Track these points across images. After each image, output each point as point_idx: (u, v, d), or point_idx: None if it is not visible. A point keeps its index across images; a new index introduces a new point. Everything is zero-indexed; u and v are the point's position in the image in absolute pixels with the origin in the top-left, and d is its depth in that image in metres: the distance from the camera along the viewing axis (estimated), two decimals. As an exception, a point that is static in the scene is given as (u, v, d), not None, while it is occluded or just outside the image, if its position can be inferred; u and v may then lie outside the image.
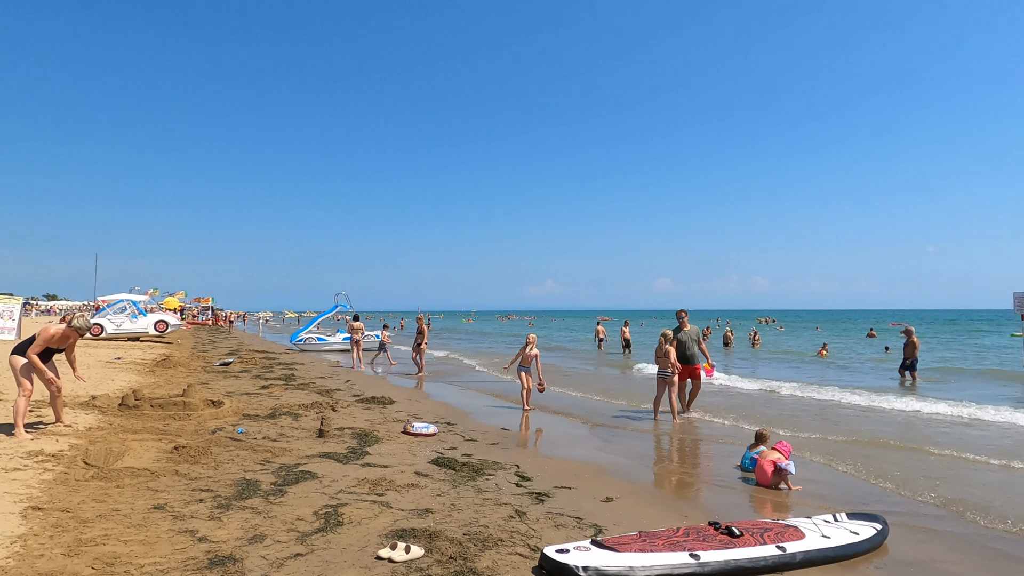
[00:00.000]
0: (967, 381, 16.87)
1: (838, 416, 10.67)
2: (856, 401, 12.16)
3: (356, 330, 19.47)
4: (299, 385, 13.31)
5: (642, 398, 12.61)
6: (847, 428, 9.50)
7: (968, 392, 13.84)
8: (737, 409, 11.25)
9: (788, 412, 11.04)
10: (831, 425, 9.76)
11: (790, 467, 5.98)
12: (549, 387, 12.40)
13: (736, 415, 10.54)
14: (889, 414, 10.96)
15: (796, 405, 11.93)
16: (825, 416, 10.65)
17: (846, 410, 11.35)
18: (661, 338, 10.10)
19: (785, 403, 12.21)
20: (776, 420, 10.07)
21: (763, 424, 9.21)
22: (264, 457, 6.50)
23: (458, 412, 10.54)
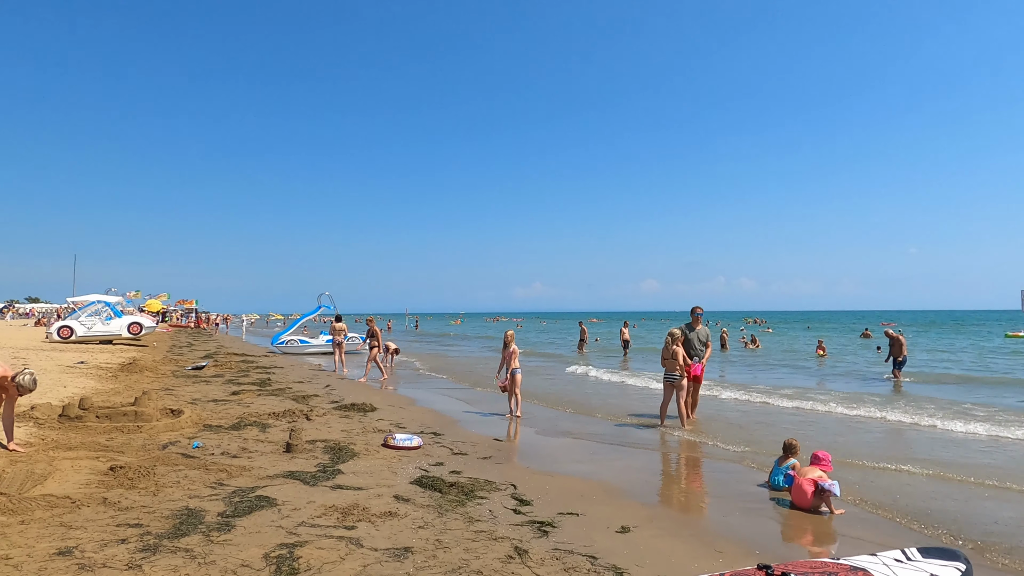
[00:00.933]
0: (987, 390, 16.19)
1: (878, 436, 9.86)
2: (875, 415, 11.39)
3: (338, 331, 18.47)
4: (274, 391, 12.31)
5: (624, 408, 11.78)
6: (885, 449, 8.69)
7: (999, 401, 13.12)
8: (755, 426, 10.43)
9: (811, 428, 10.22)
10: (868, 446, 8.94)
11: (834, 488, 5.12)
12: (532, 400, 11.51)
13: (754, 431, 9.71)
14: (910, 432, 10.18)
15: (824, 422, 11.13)
16: (856, 433, 9.84)
17: (876, 427, 10.56)
18: (668, 338, 9.25)
19: (809, 420, 11.40)
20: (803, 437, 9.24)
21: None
22: (217, 478, 5.54)
23: (446, 420, 9.61)
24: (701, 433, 8.88)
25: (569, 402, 12.06)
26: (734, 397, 12.70)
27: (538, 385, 15.12)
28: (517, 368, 10.03)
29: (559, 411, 10.98)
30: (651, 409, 10.98)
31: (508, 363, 10.07)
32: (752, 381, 15.99)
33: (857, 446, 8.07)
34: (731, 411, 11.07)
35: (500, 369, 10.30)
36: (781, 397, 12.50)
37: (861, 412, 10.76)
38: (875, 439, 8.71)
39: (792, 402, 11.96)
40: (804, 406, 11.50)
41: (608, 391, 14.41)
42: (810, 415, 10.74)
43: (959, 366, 21.14)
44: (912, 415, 10.37)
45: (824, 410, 11.10)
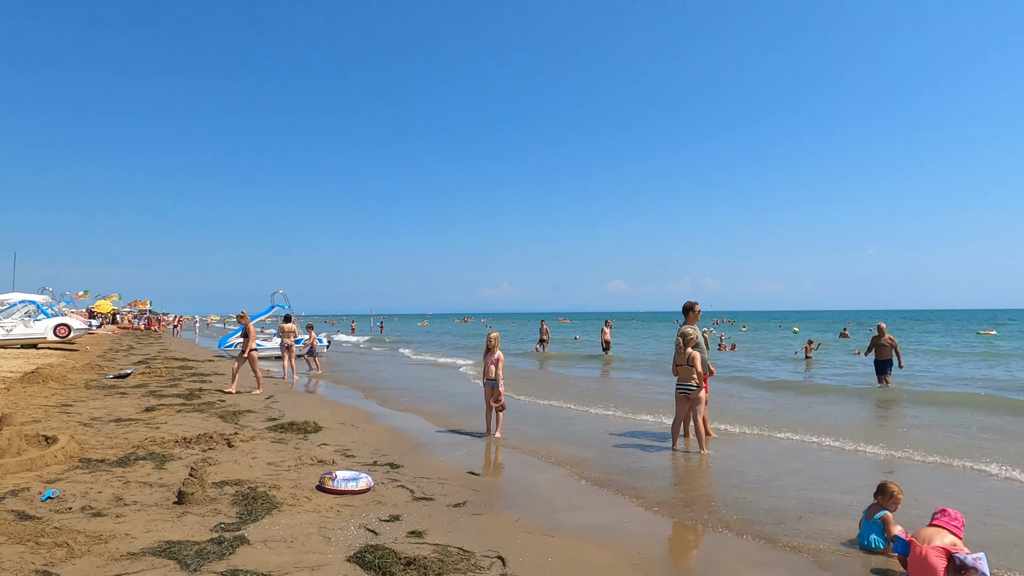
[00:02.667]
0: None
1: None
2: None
3: (287, 334, 16.36)
4: (200, 405, 10.24)
5: (620, 420, 10.08)
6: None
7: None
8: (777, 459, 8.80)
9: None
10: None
11: (981, 563, 3.45)
12: (516, 399, 9.74)
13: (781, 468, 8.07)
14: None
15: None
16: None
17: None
18: (679, 339, 7.55)
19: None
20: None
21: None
22: (47, 561, 3.60)
23: (408, 444, 7.73)
24: (729, 458, 7.20)
25: (552, 412, 10.30)
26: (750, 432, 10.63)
27: (515, 390, 13.34)
28: (502, 380, 8.22)
29: (544, 425, 9.21)
30: (652, 422, 9.30)
31: (488, 373, 8.28)
32: (760, 409, 14.43)
33: (977, 499, 5.53)
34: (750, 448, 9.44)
35: (484, 379, 8.44)
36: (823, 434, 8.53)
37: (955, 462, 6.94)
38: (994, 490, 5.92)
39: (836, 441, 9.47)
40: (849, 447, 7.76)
41: (592, 395, 12.70)
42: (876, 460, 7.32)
43: (980, 374, 20.07)
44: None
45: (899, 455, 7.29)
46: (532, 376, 16.65)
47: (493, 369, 8.19)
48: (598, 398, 12.69)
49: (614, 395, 13.01)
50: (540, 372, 18.59)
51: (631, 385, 14.63)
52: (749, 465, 6.78)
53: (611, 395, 13.03)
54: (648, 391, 13.57)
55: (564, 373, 18.07)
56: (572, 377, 16.90)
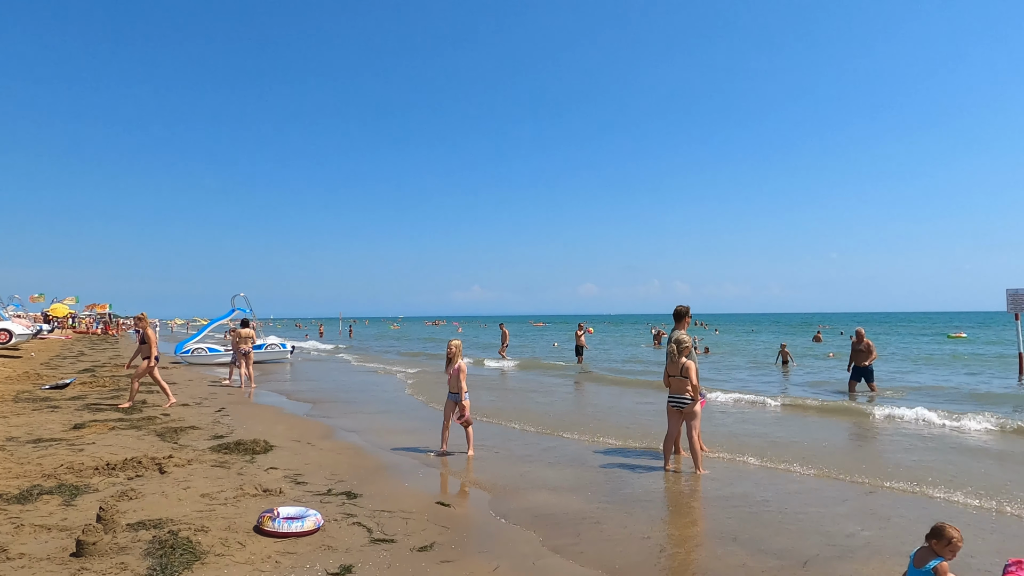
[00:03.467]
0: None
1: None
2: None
3: (244, 339, 15.27)
4: (139, 420, 9.22)
5: (599, 429, 9.39)
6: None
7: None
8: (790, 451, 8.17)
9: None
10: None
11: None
12: (482, 419, 8.96)
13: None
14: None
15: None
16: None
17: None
18: (672, 345, 6.85)
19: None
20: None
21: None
22: None
23: (369, 465, 6.88)
24: (726, 479, 6.51)
25: (528, 430, 9.53)
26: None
27: (484, 397, 12.56)
28: (466, 393, 7.41)
29: (521, 444, 8.43)
30: (640, 438, 8.59)
31: (451, 386, 7.48)
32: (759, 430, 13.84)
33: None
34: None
35: (448, 397, 7.60)
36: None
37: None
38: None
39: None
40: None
41: (571, 409, 11.98)
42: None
43: (960, 380, 19.89)
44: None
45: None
46: (506, 388, 15.84)
47: (455, 381, 7.39)
48: (577, 412, 11.99)
49: (595, 408, 12.30)
50: (511, 382, 17.80)
51: (613, 396, 13.95)
52: (750, 487, 6.10)
53: (592, 409, 12.31)
54: (632, 403, 12.90)
55: (539, 383, 17.33)
56: (548, 387, 16.16)
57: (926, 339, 40.33)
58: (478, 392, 14.14)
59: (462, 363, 7.42)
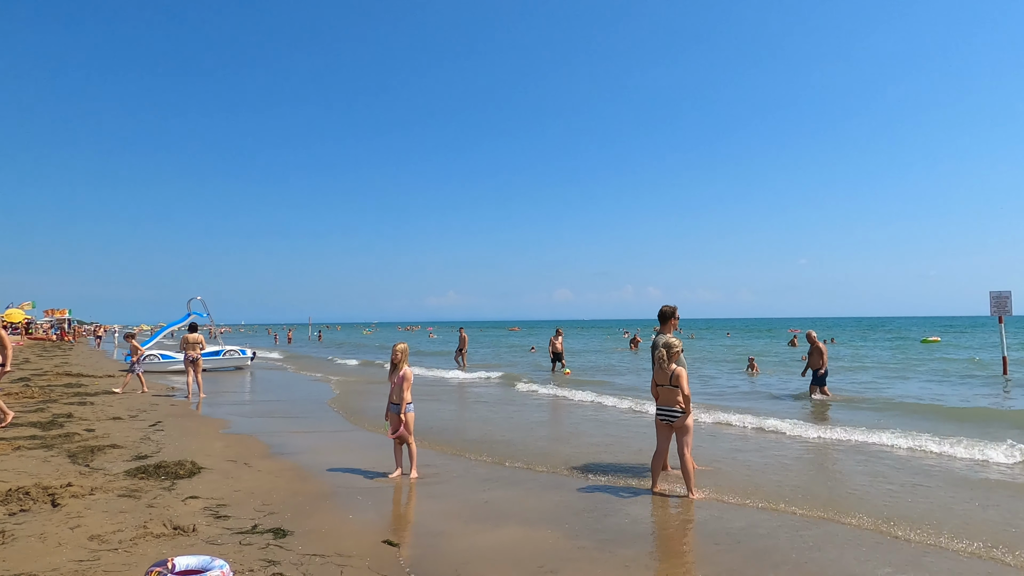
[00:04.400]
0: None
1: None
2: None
3: (191, 345, 14.07)
4: (55, 438, 8.09)
5: (577, 447, 8.55)
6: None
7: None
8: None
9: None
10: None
11: None
12: (439, 438, 8.07)
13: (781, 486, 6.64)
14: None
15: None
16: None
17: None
18: (661, 351, 6.01)
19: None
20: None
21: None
22: None
23: (307, 491, 5.90)
24: (724, 504, 5.69)
25: (492, 439, 8.62)
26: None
27: (448, 411, 11.63)
28: (409, 404, 6.49)
29: (485, 457, 7.53)
30: (624, 449, 7.74)
31: (393, 395, 6.53)
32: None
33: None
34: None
35: (388, 404, 6.63)
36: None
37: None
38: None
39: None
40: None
41: (540, 413, 11.11)
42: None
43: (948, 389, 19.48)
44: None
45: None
46: (474, 400, 14.87)
47: (398, 391, 6.45)
48: (551, 426, 11.12)
49: (572, 421, 11.43)
50: (481, 392, 16.84)
51: (591, 407, 13.10)
52: (753, 513, 5.28)
53: (568, 421, 11.44)
54: (613, 415, 12.07)
55: (511, 392, 16.43)
56: (520, 396, 15.27)
57: (901, 343, 40.42)
58: (441, 405, 13.20)
59: (408, 370, 6.48)
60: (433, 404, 12.77)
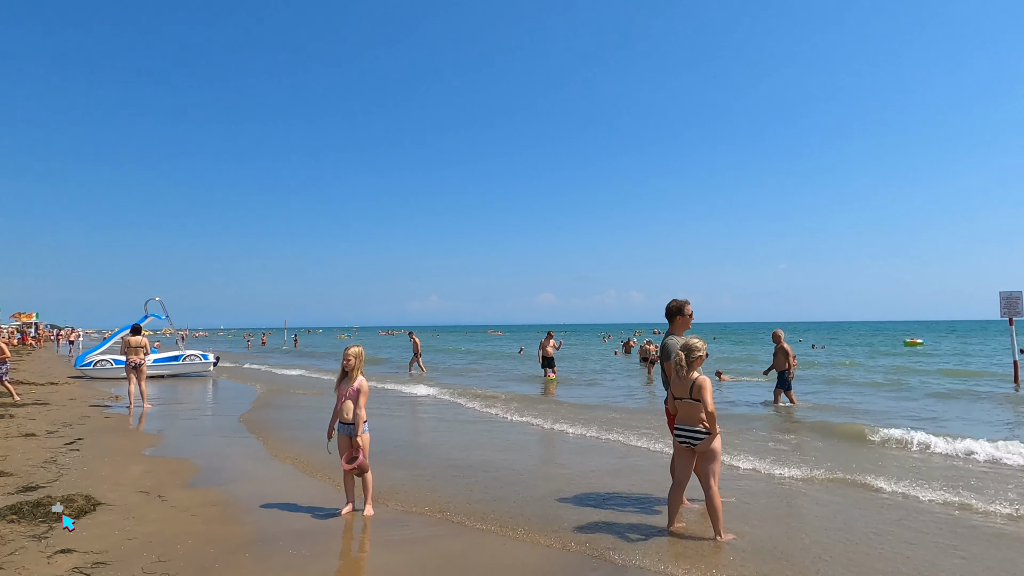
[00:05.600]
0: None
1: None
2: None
3: (134, 350, 12.58)
4: (-66, 462, 6.62)
5: (562, 480, 7.31)
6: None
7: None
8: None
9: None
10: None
11: None
12: (397, 463, 6.77)
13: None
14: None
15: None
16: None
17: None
18: (679, 356, 4.77)
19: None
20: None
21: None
22: None
23: (229, 538, 4.53)
24: (763, 550, 4.45)
25: (471, 464, 7.34)
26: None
27: (408, 427, 10.31)
28: (365, 423, 5.16)
29: (455, 486, 6.23)
30: (630, 474, 6.50)
31: (344, 412, 5.14)
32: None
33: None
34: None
35: (332, 423, 5.27)
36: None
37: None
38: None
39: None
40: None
41: (528, 433, 9.82)
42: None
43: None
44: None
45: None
46: (451, 418, 13.53)
47: (350, 406, 5.10)
48: (544, 445, 9.85)
49: (568, 439, 10.13)
50: (457, 406, 15.44)
51: (591, 421, 11.84)
52: (803, 556, 4.06)
53: (564, 439, 10.13)
54: (617, 433, 10.80)
55: (495, 403, 15.13)
56: (507, 408, 13.97)
57: (882, 346, 39.84)
58: (408, 422, 11.88)
59: (363, 381, 5.17)
60: (394, 421, 11.43)
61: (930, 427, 9.55)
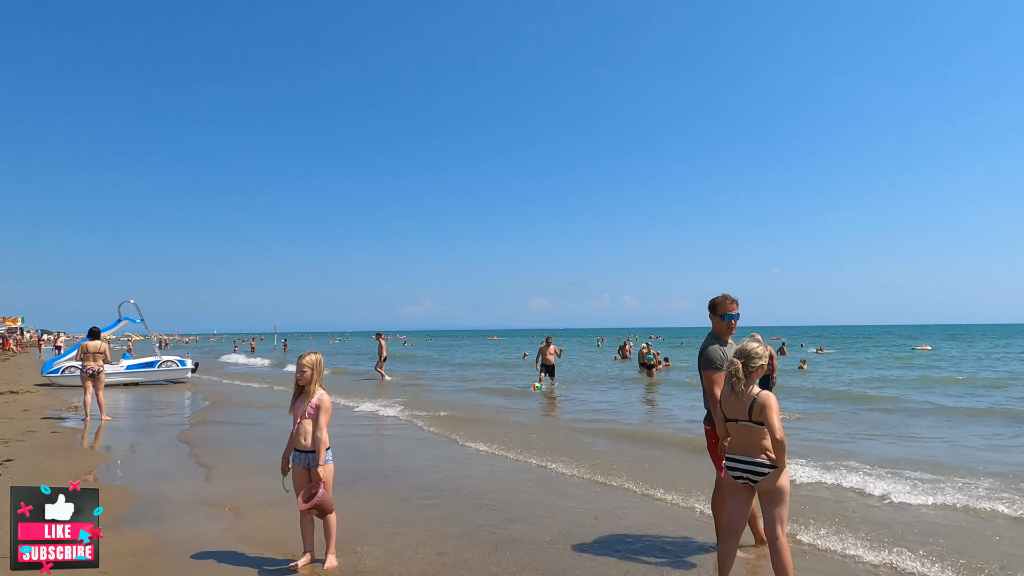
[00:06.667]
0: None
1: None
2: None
3: (93, 355, 11.35)
4: None
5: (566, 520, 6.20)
6: None
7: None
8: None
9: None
10: None
11: None
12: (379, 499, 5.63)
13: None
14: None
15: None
16: None
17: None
18: (735, 365, 3.63)
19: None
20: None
21: None
22: None
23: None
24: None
25: (461, 494, 6.21)
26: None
27: (379, 452, 9.17)
28: (328, 451, 4.03)
29: (440, 530, 5.11)
30: (641, 520, 5.40)
31: (301, 436, 4.02)
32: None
33: None
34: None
35: (287, 452, 4.17)
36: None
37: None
38: None
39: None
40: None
41: (533, 446, 8.66)
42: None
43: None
44: None
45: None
46: (428, 439, 12.27)
47: (308, 427, 3.99)
48: (549, 466, 8.72)
49: (583, 462, 8.84)
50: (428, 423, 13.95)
51: (606, 441, 10.60)
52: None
53: (576, 463, 8.83)
54: (633, 452, 9.62)
55: (497, 415, 13.99)
56: (509, 421, 12.83)
57: (888, 352, 38.86)
58: (392, 443, 10.73)
59: (323, 396, 4.07)
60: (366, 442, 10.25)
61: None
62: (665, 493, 6.00)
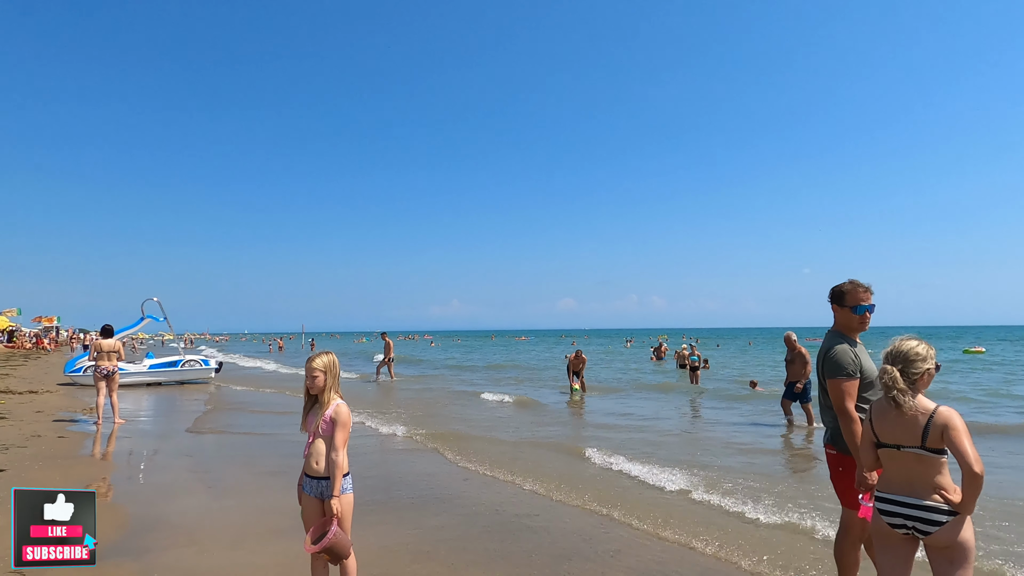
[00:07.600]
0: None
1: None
2: None
3: (106, 355, 10.70)
4: None
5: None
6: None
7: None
8: None
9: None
10: None
11: None
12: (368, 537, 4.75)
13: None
14: None
15: None
16: None
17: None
18: (892, 373, 2.63)
19: None
20: None
21: None
22: None
23: None
24: None
25: (507, 520, 5.29)
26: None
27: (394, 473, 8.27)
28: (347, 478, 3.12)
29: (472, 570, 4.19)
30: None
31: (313, 459, 3.12)
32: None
33: None
34: None
35: (301, 479, 3.24)
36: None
37: None
38: None
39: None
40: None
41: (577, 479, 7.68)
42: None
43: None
44: None
45: None
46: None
47: (321, 448, 3.11)
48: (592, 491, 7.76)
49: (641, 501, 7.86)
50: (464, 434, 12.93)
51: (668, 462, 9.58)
52: None
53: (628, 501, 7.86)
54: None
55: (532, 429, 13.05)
56: (546, 435, 11.87)
57: (943, 355, 36.78)
58: (401, 459, 9.83)
59: (340, 407, 3.15)
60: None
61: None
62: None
